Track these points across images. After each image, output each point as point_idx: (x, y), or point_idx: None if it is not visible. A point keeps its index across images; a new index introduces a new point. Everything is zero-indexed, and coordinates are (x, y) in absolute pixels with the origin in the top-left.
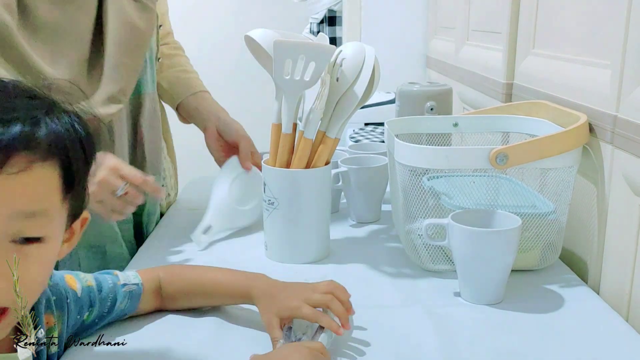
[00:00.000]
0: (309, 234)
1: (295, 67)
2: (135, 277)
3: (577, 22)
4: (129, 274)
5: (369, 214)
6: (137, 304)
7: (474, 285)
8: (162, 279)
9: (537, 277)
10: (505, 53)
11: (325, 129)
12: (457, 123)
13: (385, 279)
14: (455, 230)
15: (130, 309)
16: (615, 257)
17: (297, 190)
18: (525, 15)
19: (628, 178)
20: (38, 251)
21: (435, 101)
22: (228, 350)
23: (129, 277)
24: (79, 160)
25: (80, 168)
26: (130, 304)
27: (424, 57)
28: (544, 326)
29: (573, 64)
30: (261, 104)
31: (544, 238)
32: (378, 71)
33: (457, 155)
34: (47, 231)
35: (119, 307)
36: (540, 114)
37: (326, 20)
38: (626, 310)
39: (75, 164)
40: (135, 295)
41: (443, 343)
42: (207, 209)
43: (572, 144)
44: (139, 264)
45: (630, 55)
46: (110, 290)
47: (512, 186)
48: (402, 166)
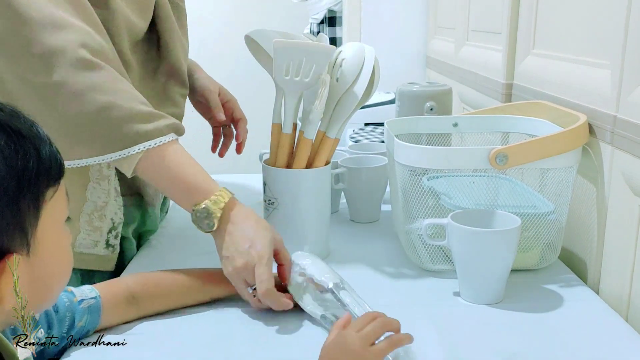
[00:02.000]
0: (309, 234)
1: (295, 68)
2: (92, 290)
3: (577, 22)
4: (84, 289)
5: (369, 214)
6: (99, 317)
7: (474, 285)
8: (132, 288)
9: (536, 277)
10: (505, 53)
11: (325, 129)
12: (456, 123)
13: (385, 279)
14: (455, 230)
15: (92, 325)
16: (615, 257)
17: (297, 190)
18: (525, 15)
19: (627, 178)
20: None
21: (435, 101)
22: (228, 350)
23: (85, 291)
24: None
25: None
26: (90, 319)
27: (423, 57)
28: (544, 326)
29: (573, 64)
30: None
31: (543, 238)
32: (378, 71)
33: (456, 155)
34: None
35: (78, 324)
36: (540, 114)
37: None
38: (625, 310)
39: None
40: (95, 309)
41: (443, 343)
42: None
43: (571, 144)
44: (139, 263)
45: (630, 55)
46: (67, 309)
47: (512, 186)
48: (402, 166)
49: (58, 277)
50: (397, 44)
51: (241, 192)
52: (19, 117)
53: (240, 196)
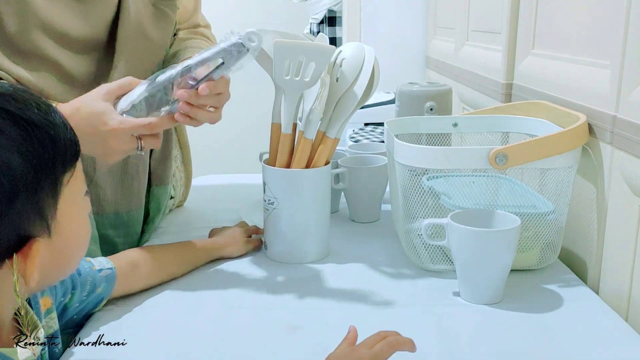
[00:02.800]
0: (309, 234)
1: (295, 68)
2: (108, 262)
3: (577, 23)
4: (101, 260)
5: (369, 214)
6: (112, 287)
7: (473, 285)
8: (136, 259)
9: (536, 277)
10: (504, 53)
11: (325, 129)
12: (456, 123)
13: (385, 278)
14: (455, 230)
15: (106, 292)
16: (615, 257)
17: (297, 190)
18: (525, 15)
19: (627, 178)
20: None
21: (435, 101)
22: (228, 351)
23: (102, 262)
24: None
25: None
26: (107, 287)
27: (423, 57)
28: (543, 326)
29: (572, 64)
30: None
31: (543, 238)
32: (378, 71)
33: (456, 155)
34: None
35: (97, 291)
36: (539, 114)
37: (326, 20)
38: (625, 310)
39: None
40: (111, 279)
41: (442, 343)
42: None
43: (571, 144)
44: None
45: (630, 55)
46: (89, 274)
47: (512, 186)
48: (402, 166)
49: (77, 247)
50: (397, 43)
51: (241, 192)
52: (31, 105)
53: (240, 196)
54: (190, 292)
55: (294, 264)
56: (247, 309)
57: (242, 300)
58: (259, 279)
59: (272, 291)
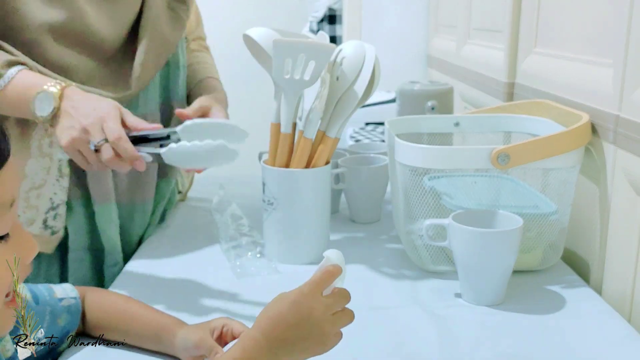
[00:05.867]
0: (309, 234)
1: (294, 66)
2: (72, 290)
3: (579, 21)
4: (65, 287)
5: (369, 214)
6: (78, 320)
7: (475, 286)
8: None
9: (538, 277)
10: (506, 52)
11: (325, 128)
12: (458, 122)
13: (386, 279)
14: (456, 231)
15: (71, 326)
16: (618, 257)
17: (297, 190)
18: (527, 13)
19: (630, 178)
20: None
21: (436, 100)
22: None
23: (66, 289)
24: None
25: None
26: (70, 320)
27: (425, 56)
28: (546, 327)
29: (575, 63)
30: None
31: (545, 238)
32: (378, 70)
33: (458, 155)
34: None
35: (57, 322)
36: (542, 114)
37: (326, 18)
38: (628, 312)
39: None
40: (75, 311)
41: (444, 344)
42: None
43: (574, 144)
44: (139, 263)
45: (633, 54)
46: (47, 303)
47: (514, 186)
48: (403, 166)
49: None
50: (397, 42)
51: (241, 192)
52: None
53: (240, 196)
54: (186, 294)
55: (293, 264)
56: (247, 310)
57: (241, 301)
58: (259, 280)
59: (272, 292)
